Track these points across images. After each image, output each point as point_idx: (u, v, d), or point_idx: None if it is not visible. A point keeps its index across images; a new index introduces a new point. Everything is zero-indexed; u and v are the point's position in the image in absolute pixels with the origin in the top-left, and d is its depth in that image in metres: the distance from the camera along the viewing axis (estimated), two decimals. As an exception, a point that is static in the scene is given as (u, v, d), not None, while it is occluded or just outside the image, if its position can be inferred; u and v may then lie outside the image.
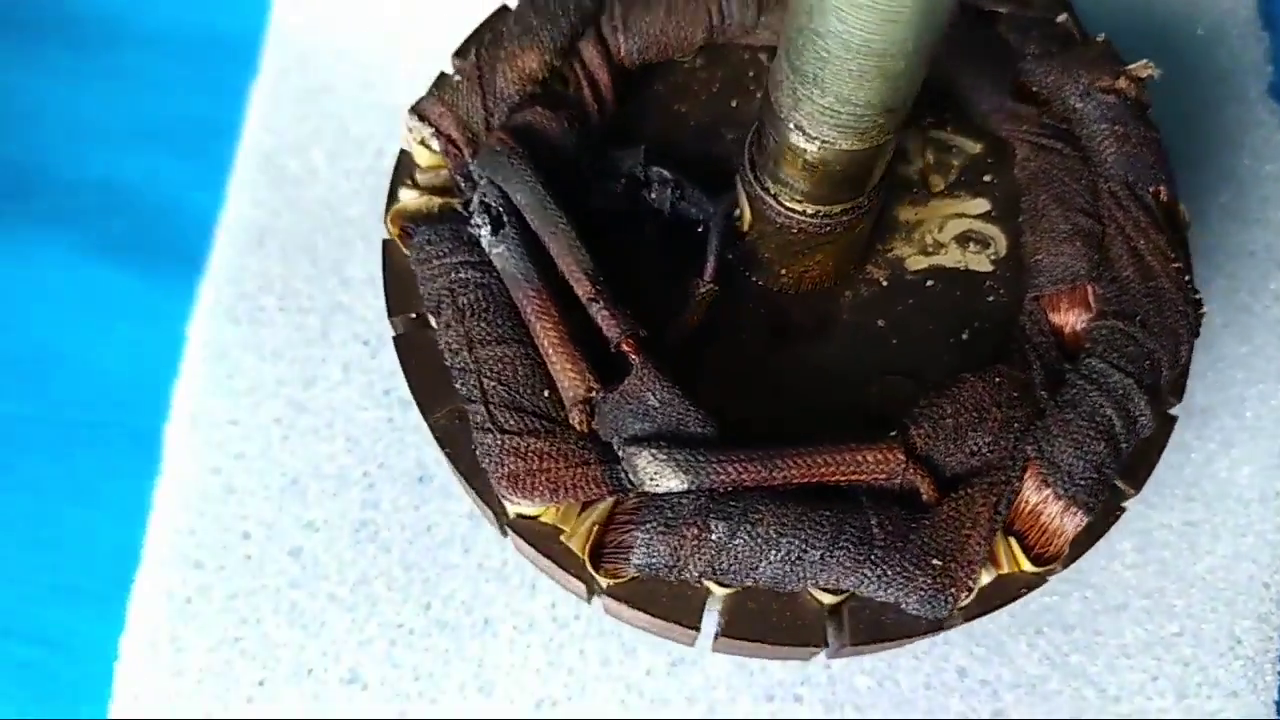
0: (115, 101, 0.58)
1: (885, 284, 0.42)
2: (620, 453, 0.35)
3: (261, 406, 0.50)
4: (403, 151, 0.43)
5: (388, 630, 0.46)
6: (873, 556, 0.34)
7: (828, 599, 0.35)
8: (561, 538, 0.36)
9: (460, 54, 0.44)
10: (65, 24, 0.59)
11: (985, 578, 0.36)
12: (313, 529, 0.48)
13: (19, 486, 0.50)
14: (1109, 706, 0.45)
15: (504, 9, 0.45)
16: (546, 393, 0.36)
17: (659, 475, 0.34)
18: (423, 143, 0.42)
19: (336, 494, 0.48)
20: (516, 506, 0.36)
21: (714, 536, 0.34)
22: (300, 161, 0.56)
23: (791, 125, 0.35)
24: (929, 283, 0.42)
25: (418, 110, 0.41)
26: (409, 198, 0.41)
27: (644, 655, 0.46)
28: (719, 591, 0.35)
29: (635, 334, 0.36)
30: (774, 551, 0.34)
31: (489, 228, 0.38)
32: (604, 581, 0.35)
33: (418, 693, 0.45)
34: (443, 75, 0.43)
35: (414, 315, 0.40)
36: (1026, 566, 0.35)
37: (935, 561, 0.34)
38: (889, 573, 0.34)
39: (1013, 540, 0.36)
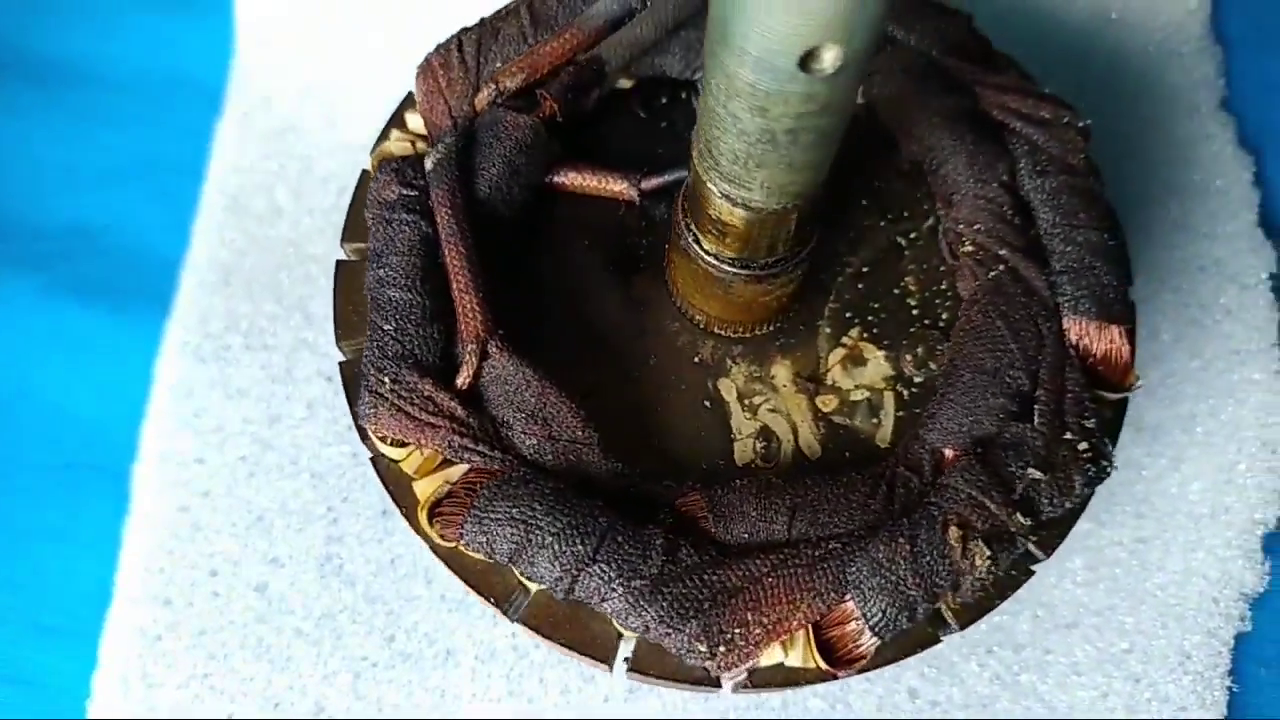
0: (83, 144, 0.59)
1: (695, 361, 0.43)
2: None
3: (227, 444, 0.51)
4: (409, 94, 0.45)
5: (352, 663, 0.47)
6: (644, 587, 0.35)
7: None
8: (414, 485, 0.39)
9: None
10: (33, 67, 0.60)
11: (772, 656, 0.36)
12: (278, 565, 0.49)
13: (-8, 527, 0.51)
14: (1060, 724, 0.46)
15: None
16: (435, 345, 0.39)
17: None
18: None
19: (301, 529, 0.49)
20: (379, 444, 0.39)
21: (501, 529, 0.36)
22: (265, 200, 0.57)
23: (695, 163, 0.37)
24: (707, 404, 0.43)
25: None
26: (395, 138, 0.45)
27: (602, 682, 0.46)
28: (533, 585, 0.38)
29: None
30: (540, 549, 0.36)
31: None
32: (434, 538, 0.38)
33: (381, 724, 0.46)
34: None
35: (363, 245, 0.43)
36: (819, 663, 0.36)
37: (711, 615, 0.35)
38: (659, 610, 0.35)
39: (810, 631, 0.36)
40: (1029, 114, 0.43)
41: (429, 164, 0.42)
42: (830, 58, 0.28)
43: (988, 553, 0.36)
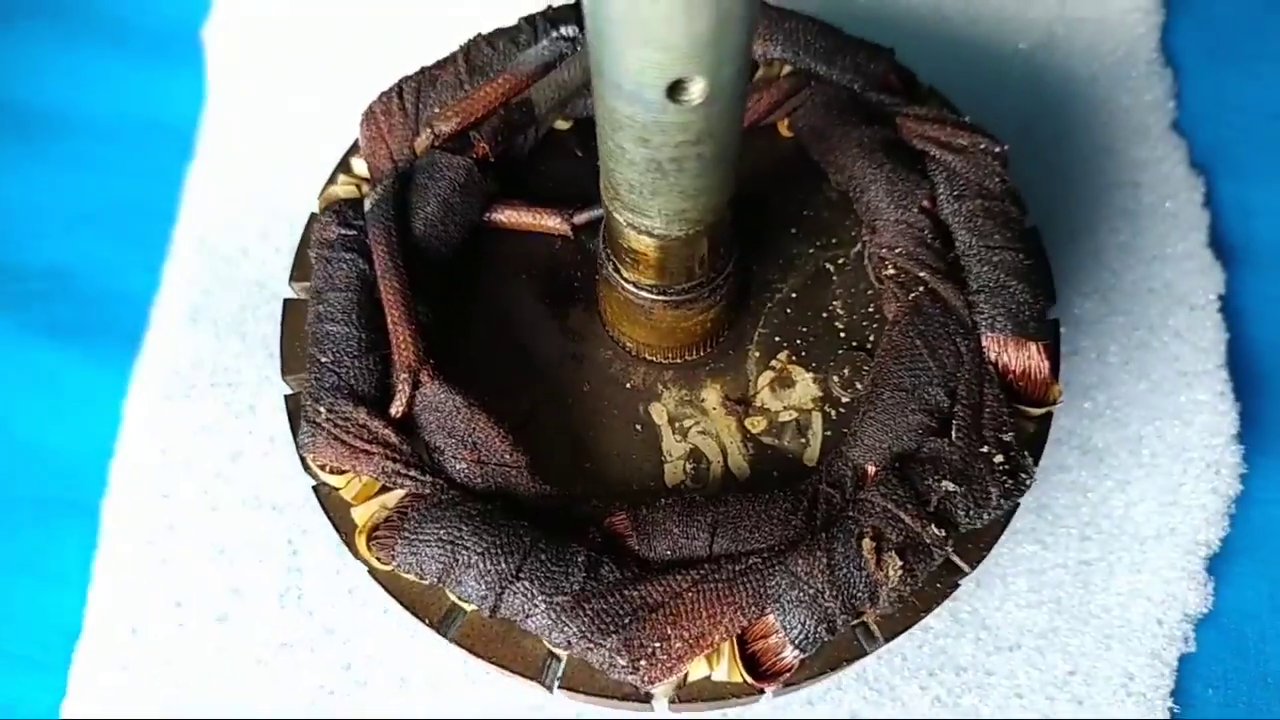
0: (59, 188, 0.61)
1: (627, 387, 0.45)
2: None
3: (192, 479, 0.52)
4: (356, 141, 0.47)
5: (310, 691, 0.48)
6: (566, 603, 0.36)
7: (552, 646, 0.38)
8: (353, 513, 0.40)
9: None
10: (9, 114, 0.63)
11: (700, 670, 0.37)
12: (240, 596, 0.50)
13: (-34, 562, 0.52)
14: (1002, 747, 0.46)
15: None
16: (371, 376, 0.41)
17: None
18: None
19: (262, 561, 0.51)
20: (320, 472, 0.41)
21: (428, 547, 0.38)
22: (233, 241, 0.58)
23: (602, 194, 0.38)
24: (638, 428, 0.44)
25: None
26: (342, 182, 0.47)
27: (550, 709, 0.47)
28: (467, 606, 0.39)
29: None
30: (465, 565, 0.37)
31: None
32: (372, 562, 0.39)
33: (335, 752, 0.47)
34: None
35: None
36: (744, 676, 0.37)
37: (633, 630, 0.36)
38: (583, 626, 0.36)
39: (734, 645, 0.37)
40: (947, 141, 0.44)
41: (367, 205, 0.44)
42: (698, 89, 0.29)
43: (899, 563, 0.36)
